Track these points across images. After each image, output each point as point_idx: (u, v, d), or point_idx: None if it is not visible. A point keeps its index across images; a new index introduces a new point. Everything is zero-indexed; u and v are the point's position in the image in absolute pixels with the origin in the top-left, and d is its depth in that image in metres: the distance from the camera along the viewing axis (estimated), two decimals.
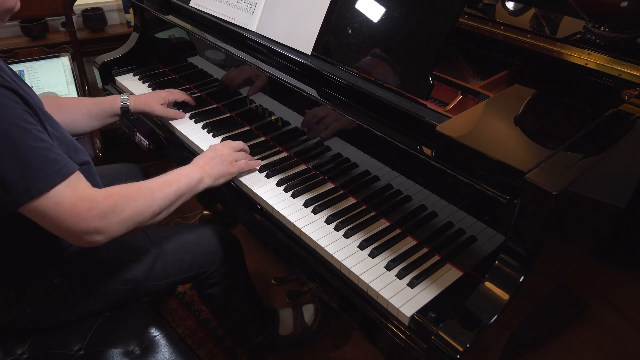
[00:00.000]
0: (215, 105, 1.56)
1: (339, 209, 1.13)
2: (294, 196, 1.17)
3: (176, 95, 1.50)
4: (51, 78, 2.11)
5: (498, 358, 1.05)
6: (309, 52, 1.18)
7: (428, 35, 1.00)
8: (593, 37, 1.18)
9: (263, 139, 1.40)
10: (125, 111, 1.42)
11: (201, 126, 1.45)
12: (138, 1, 1.71)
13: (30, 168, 0.86)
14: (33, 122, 0.90)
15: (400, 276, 0.96)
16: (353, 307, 0.98)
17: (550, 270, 0.93)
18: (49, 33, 2.25)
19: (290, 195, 1.18)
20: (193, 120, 1.48)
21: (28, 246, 1.05)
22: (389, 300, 0.91)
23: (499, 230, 0.94)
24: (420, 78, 1.00)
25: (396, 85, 1.04)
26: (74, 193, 0.91)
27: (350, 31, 1.11)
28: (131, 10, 2.22)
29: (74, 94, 2.12)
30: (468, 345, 0.79)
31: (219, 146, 1.24)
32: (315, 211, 1.12)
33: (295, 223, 1.10)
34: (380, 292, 0.93)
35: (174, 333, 1.75)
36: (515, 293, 0.81)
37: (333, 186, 1.21)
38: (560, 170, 0.78)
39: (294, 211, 1.13)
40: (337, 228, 1.08)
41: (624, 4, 1.07)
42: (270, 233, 1.16)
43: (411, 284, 0.94)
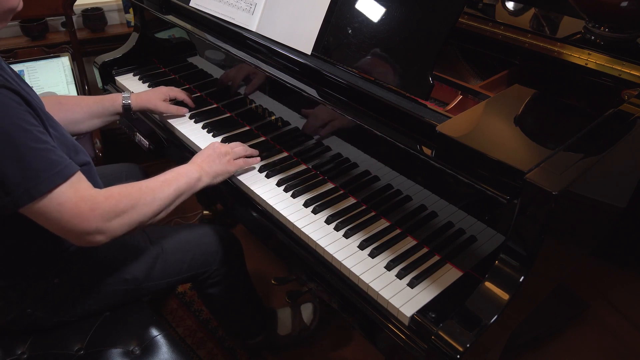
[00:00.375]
0: (215, 105, 1.56)
1: (339, 209, 1.13)
2: (294, 196, 1.17)
3: (177, 93, 1.50)
4: (51, 78, 2.10)
5: (498, 358, 1.05)
6: (309, 52, 1.18)
7: (428, 35, 1.00)
8: (593, 37, 1.18)
9: (263, 139, 1.40)
10: (126, 109, 1.42)
11: (201, 126, 1.45)
12: (138, 1, 1.71)
13: (31, 169, 0.86)
14: (35, 123, 0.90)
15: (400, 276, 0.96)
16: (353, 307, 0.98)
17: (550, 270, 0.93)
18: (49, 33, 2.25)
19: (290, 195, 1.18)
20: (193, 120, 1.48)
21: (28, 246, 1.05)
22: (389, 300, 0.91)
23: (499, 230, 0.94)
24: (420, 78, 1.00)
25: (396, 85, 1.04)
26: (76, 194, 0.92)
27: (350, 31, 1.12)
28: (131, 10, 2.22)
29: (74, 94, 2.12)
30: (468, 345, 0.79)
31: (217, 144, 1.24)
32: (315, 211, 1.12)
33: (295, 223, 1.10)
34: (380, 292, 0.93)
35: (174, 333, 1.75)
36: (515, 293, 0.81)
37: (333, 186, 1.21)
38: (560, 170, 0.78)
39: (294, 211, 1.13)
40: (337, 228, 1.08)
41: (624, 4, 1.07)
42: (270, 233, 1.16)
43: (411, 284, 0.94)
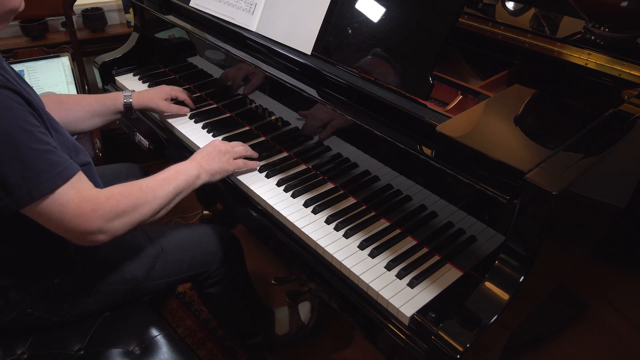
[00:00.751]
0: (215, 105, 1.56)
1: (339, 209, 1.13)
2: (294, 196, 1.17)
3: (179, 93, 1.50)
4: (51, 78, 2.10)
5: (498, 358, 1.04)
6: (309, 52, 1.18)
7: (428, 35, 1.00)
8: (593, 37, 1.18)
9: (263, 139, 1.40)
10: (128, 107, 1.41)
11: (201, 126, 1.45)
12: (138, 1, 1.71)
13: (32, 170, 0.86)
14: (36, 124, 0.90)
15: (400, 276, 0.96)
16: (353, 307, 0.98)
17: (550, 270, 0.93)
18: (49, 33, 2.25)
19: (290, 195, 1.18)
20: (193, 120, 1.48)
21: (28, 246, 1.05)
22: (389, 300, 0.91)
23: (499, 230, 0.94)
24: (420, 78, 1.00)
25: (396, 85, 1.04)
26: (78, 194, 0.92)
27: (350, 31, 1.11)
28: (131, 10, 2.22)
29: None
30: (468, 345, 0.79)
31: (218, 142, 1.24)
32: (315, 211, 1.12)
33: (295, 223, 1.10)
34: (380, 292, 0.93)
35: (174, 333, 1.75)
36: (515, 293, 0.81)
37: (333, 186, 1.21)
38: (560, 170, 0.78)
39: (294, 211, 1.13)
40: (337, 228, 1.08)
41: (624, 4, 1.07)
42: (270, 233, 1.16)
43: (411, 284, 0.94)
